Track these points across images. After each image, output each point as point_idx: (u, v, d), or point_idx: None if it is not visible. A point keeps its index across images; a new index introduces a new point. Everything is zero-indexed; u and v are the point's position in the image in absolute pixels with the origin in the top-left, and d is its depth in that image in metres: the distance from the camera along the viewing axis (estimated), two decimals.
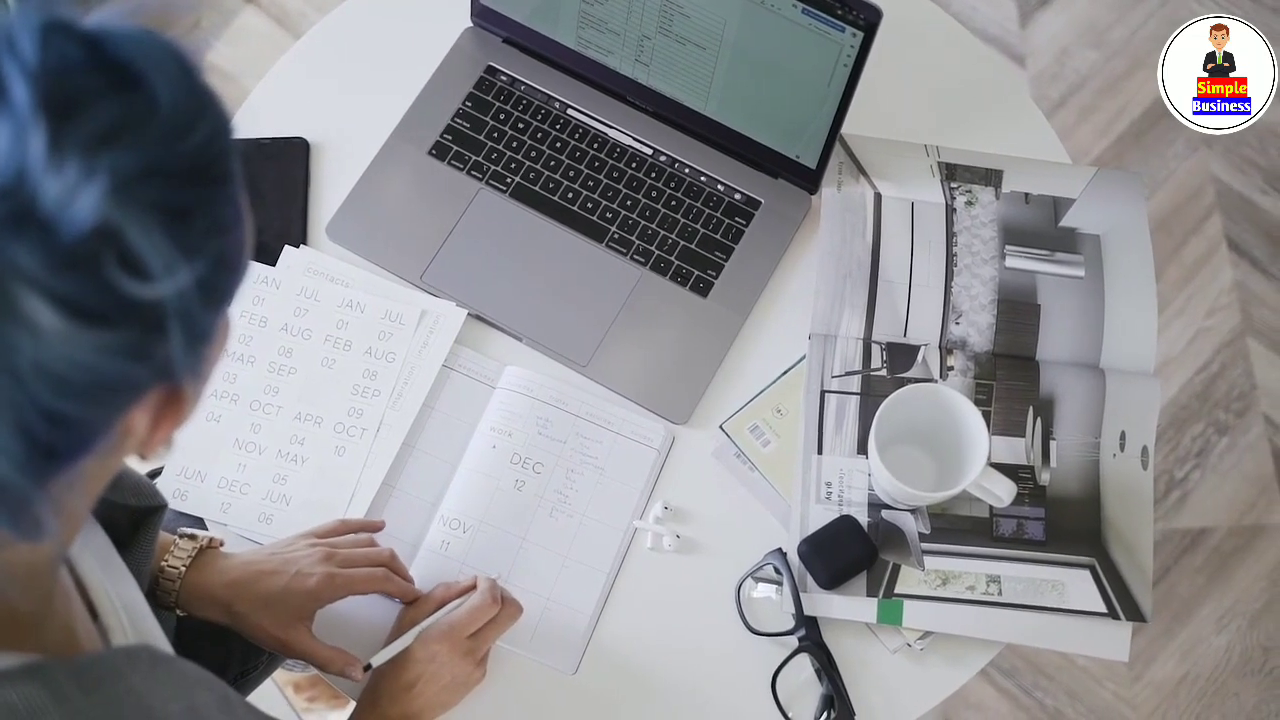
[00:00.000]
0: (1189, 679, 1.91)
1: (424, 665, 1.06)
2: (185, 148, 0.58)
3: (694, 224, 1.28)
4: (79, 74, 0.56)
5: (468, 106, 1.33)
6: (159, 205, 0.57)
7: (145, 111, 0.57)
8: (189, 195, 0.58)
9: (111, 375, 0.57)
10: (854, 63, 1.15)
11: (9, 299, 0.53)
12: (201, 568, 1.06)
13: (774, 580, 1.16)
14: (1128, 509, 1.18)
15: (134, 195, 0.56)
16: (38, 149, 0.54)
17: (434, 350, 1.24)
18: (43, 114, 0.54)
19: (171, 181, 0.57)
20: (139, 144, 0.56)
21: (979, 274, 1.25)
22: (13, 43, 0.56)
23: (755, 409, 1.21)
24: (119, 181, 0.55)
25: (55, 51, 0.56)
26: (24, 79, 0.55)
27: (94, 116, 0.55)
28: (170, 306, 0.58)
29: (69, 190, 0.54)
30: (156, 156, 0.57)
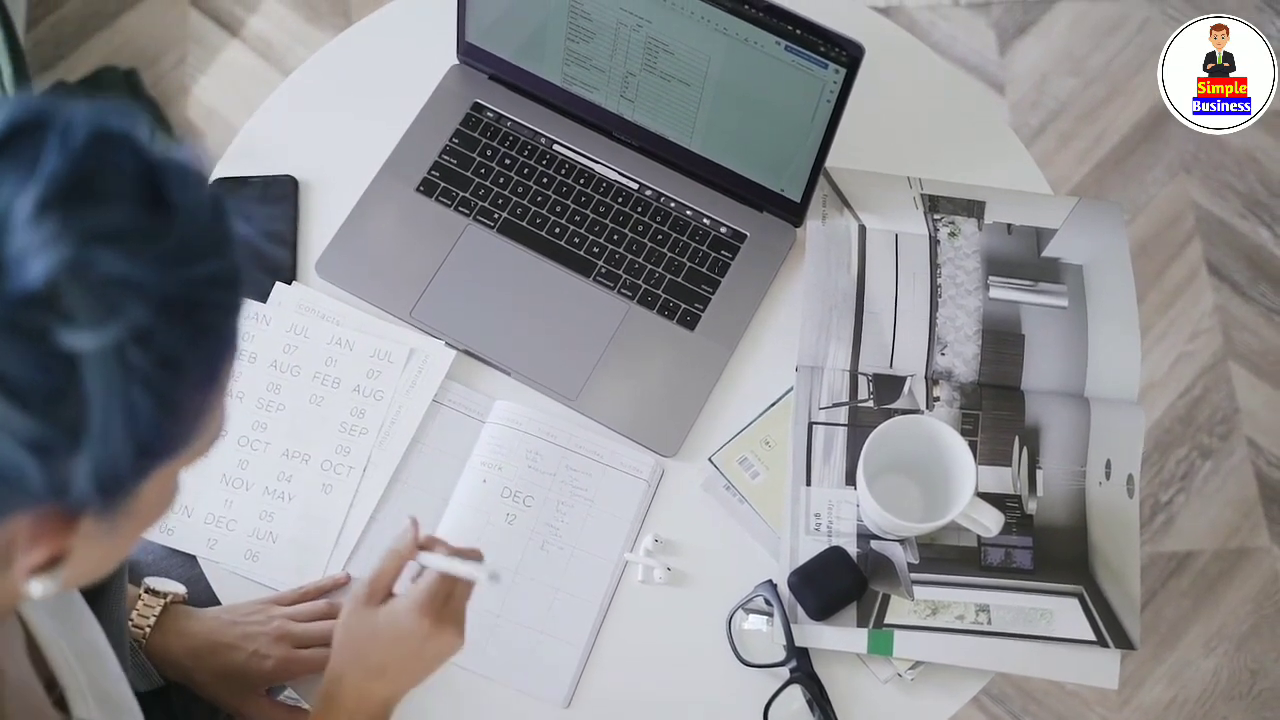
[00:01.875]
0: (1177, 702, 1.92)
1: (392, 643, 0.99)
2: (179, 276, 0.57)
3: (680, 258, 1.29)
4: (113, 175, 0.56)
5: (455, 143, 1.33)
6: (125, 318, 0.56)
7: (158, 229, 0.57)
8: (159, 324, 0.57)
9: (5, 462, 0.55)
10: (837, 98, 1.17)
11: None
12: (164, 630, 1.09)
13: (765, 612, 1.17)
14: (1114, 537, 1.18)
15: (101, 293, 0.55)
16: (26, 202, 0.54)
17: (422, 389, 1.24)
18: (52, 182, 0.55)
19: (149, 303, 0.56)
20: (134, 253, 0.56)
21: (963, 305, 1.26)
22: (69, 126, 0.57)
23: (744, 441, 1.22)
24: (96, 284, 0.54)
25: (103, 150, 0.57)
26: (59, 153, 0.55)
27: (105, 212, 0.55)
28: (92, 419, 0.56)
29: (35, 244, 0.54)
30: (145, 273, 0.56)
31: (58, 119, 0.57)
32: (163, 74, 2.23)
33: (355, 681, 0.99)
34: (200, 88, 2.22)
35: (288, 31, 2.26)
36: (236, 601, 1.16)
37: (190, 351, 0.59)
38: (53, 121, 0.57)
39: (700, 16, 1.17)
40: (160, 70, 2.23)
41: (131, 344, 0.56)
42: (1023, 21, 2.30)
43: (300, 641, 1.11)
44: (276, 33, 2.26)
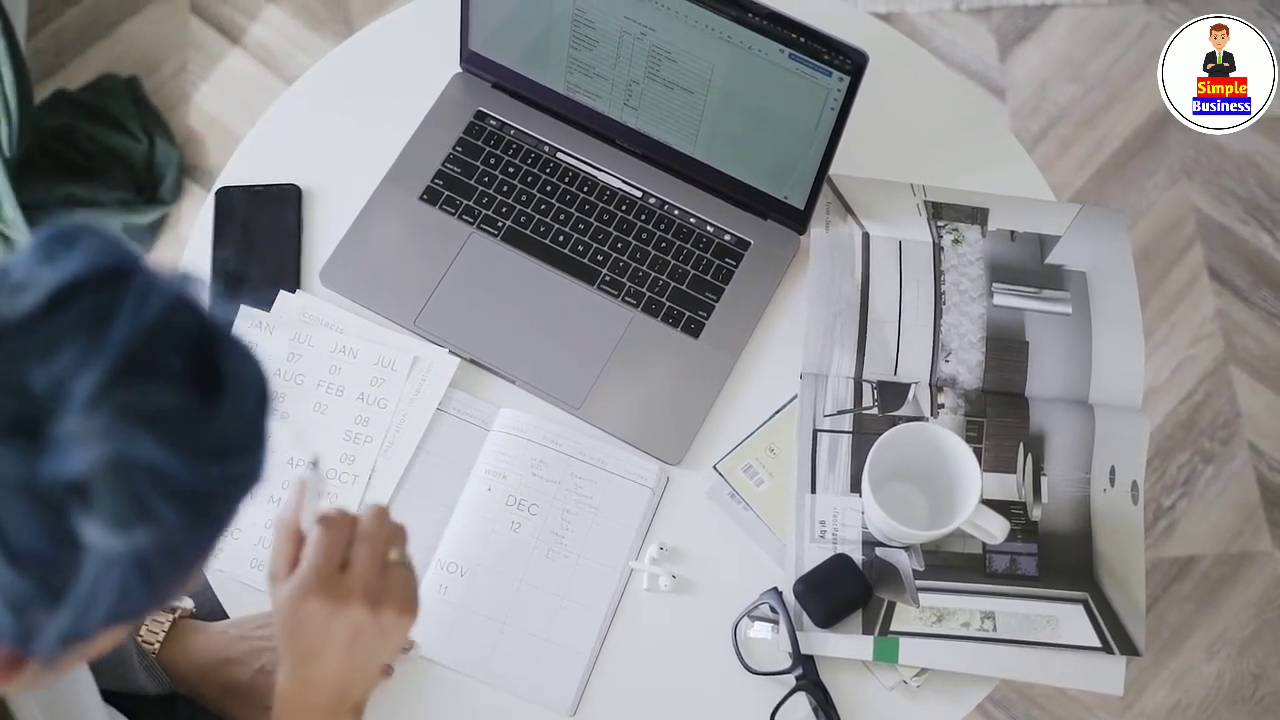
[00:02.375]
0: (1180, 707, 1.92)
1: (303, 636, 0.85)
2: (208, 472, 0.57)
3: (684, 265, 1.29)
4: (174, 352, 0.56)
5: (458, 151, 1.34)
6: (142, 504, 0.55)
7: (201, 418, 0.56)
8: (174, 514, 0.56)
9: None
10: (841, 106, 1.17)
11: None
12: (173, 645, 1.10)
13: (770, 619, 1.17)
14: (1119, 543, 1.19)
15: (128, 481, 0.54)
16: (89, 382, 0.53)
17: (426, 397, 1.24)
18: (117, 361, 0.54)
19: (170, 493, 0.56)
20: (172, 441, 0.55)
21: (967, 312, 1.27)
22: (146, 292, 0.56)
23: (748, 449, 1.22)
24: (126, 459, 0.54)
25: (172, 323, 0.56)
26: (131, 324, 0.55)
27: (156, 392, 0.55)
28: (80, 590, 0.55)
29: (83, 435, 0.53)
30: (178, 464, 0.55)
31: (136, 278, 0.56)
32: (163, 81, 2.23)
33: (290, 674, 0.87)
34: (201, 95, 2.22)
35: (288, 38, 2.26)
36: (243, 612, 1.16)
37: (195, 540, 0.59)
38: (131, 279, 0.56)
39: (704, 25, 1.17)
40: (161, 78, 2.23)
41: (143, 531, 0.55)
42: (1023, 27, 2.31)
43: None
44: (277, 40, 2.26)
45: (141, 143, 2.12)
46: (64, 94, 2.17)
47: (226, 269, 1.29)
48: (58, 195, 2.04)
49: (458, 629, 1.16)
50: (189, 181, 2.15)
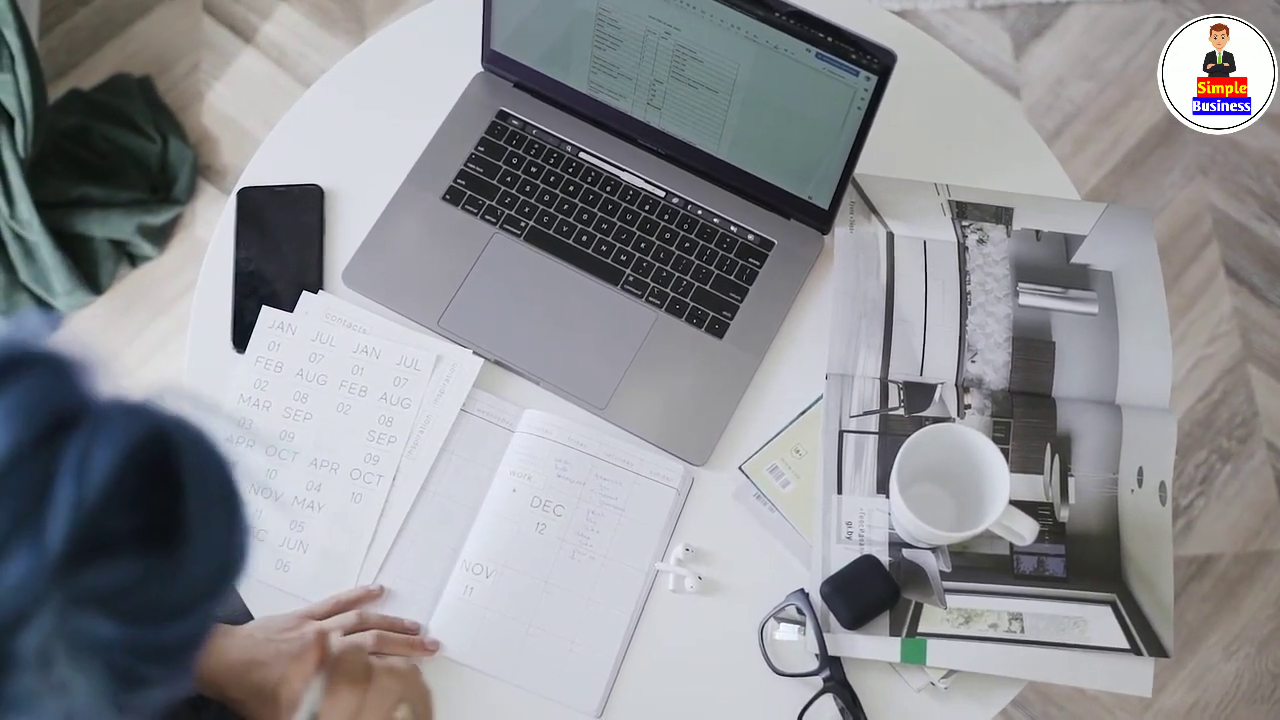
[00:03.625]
0: (1199, 707, 1.92)
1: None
2: (180, 628, 0.54)
3: (708, 265, 1.29)
4: (125, 513, 0.51)
5: (480, 151, 1.33)
6: (113, 670, 0.52)
7: (164, 578, 0.53)
8: (154, 670, 0.54)
9: None
10: (867, 106, 1.17)
11: None
12: None
13: (797, 621, 1.16)
14: (1147, 544, 1.18)
15: (92, 658, 0.51)
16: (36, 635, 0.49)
17: (450, 398, 1.24)
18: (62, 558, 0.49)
19: (142, 655, 0.53)
20: (133, 617, 0.52)
21: (993, 312, 1.26)
22: (88, 458, 0.50)
23: (774, 449, 1.22)
24: (87, 648, 0.51)
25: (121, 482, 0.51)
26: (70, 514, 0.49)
27: (107, 573, 0.51)
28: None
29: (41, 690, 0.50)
30: (142, 636, 0.53)
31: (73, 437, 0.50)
32: (176, 81, 2.23)
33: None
34: (215, 94, 2.22)
35: (301, 38, 2.26)
36: (268, 613, 1.15)
37: (182, 675, 0.57)
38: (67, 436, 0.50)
39: (729, 24, 1.17)
40: (174, 77, 2.23)
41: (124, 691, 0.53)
42: (1037, 25, 2.30)
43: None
44: (290, 39, 2.26)
45: (155, 142, 2.12)
46: (77, 93, 2.17)
47: (249, 269, 1.29)
48: (72, 195, 2.03)
49: (483, 630, 1.16)
50: (203, 181, 2.15)
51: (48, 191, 2.01)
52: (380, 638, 1.11)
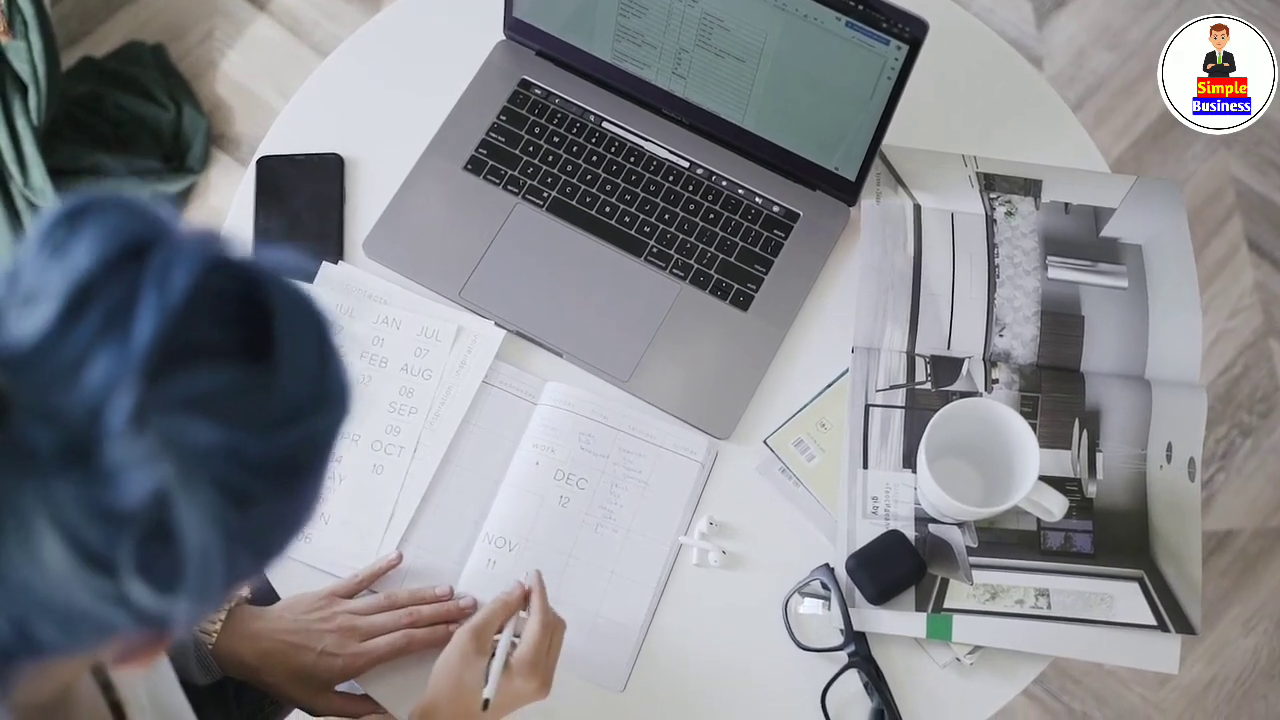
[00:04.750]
0: (1217, 682, 1.91)
1: (505, 699, 1.05)
2: (281, 439, 0.54)
3: (733, 237, 1.28)
4: (212, 325, 0.52)
5: (502, 121, 1.32)
6: (223, 487, 0.52)
7: (258, 388, 0.53)
8: (260, 487, 0.53)
9: (97, 617, 0.53)
10: (898, 76, 1.15)
11: (25, 527, 0.49)
12: (232, 633, 1.09)
13: (821, 595, 1.15)
14: (1175, 521, 1.17)
15: (200, 471, 0.51)
16: (123, 406, 0.49)
17: (472, 369, 1.23)
18: (149, 365, 0.50)
19: (248, 469, 0.53)
20: (233, 420, 0.52)
21: (1021, 285, 1.25)
22: (169, 271, 0.51)
23: (799, 423, 1.21)
24: (189, 455, 0.50)
25: (202, 295, 0.52)
26: (155, 316, 0.50)
27: (201, 377, 0.51)
28: (190, 578, 0.53)
29: (135, 459, 0.49)
30: (245, 441, 0.52)
31: (154, 255, 0.51)
32: (190, 49, 2.21)
33: (450, 718, 1.03)
34: (229, 63, 2.20)
35: (315, 5, 2.24)
36: (293, 589, 1.15)
37: (290, 505, 0.57)
38: (149, 257, 0.51)
39: None
40: (187, 45, 2.21)
41: (233, 513, 0.53)
42: None
43: (365, 635, 1.11)
44: (304, 6, 2.24)
45: (169, 110, 2.11)
46: (90, 61, 2.15)
47: (268, 239, 1.28)
48: (86, 163, 2.02)
49: None
50: (216, 150, 2.14)
51: (61, 159, 1.99)
52: (414, 614, 1.11)
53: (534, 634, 1.05)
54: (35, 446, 0.49)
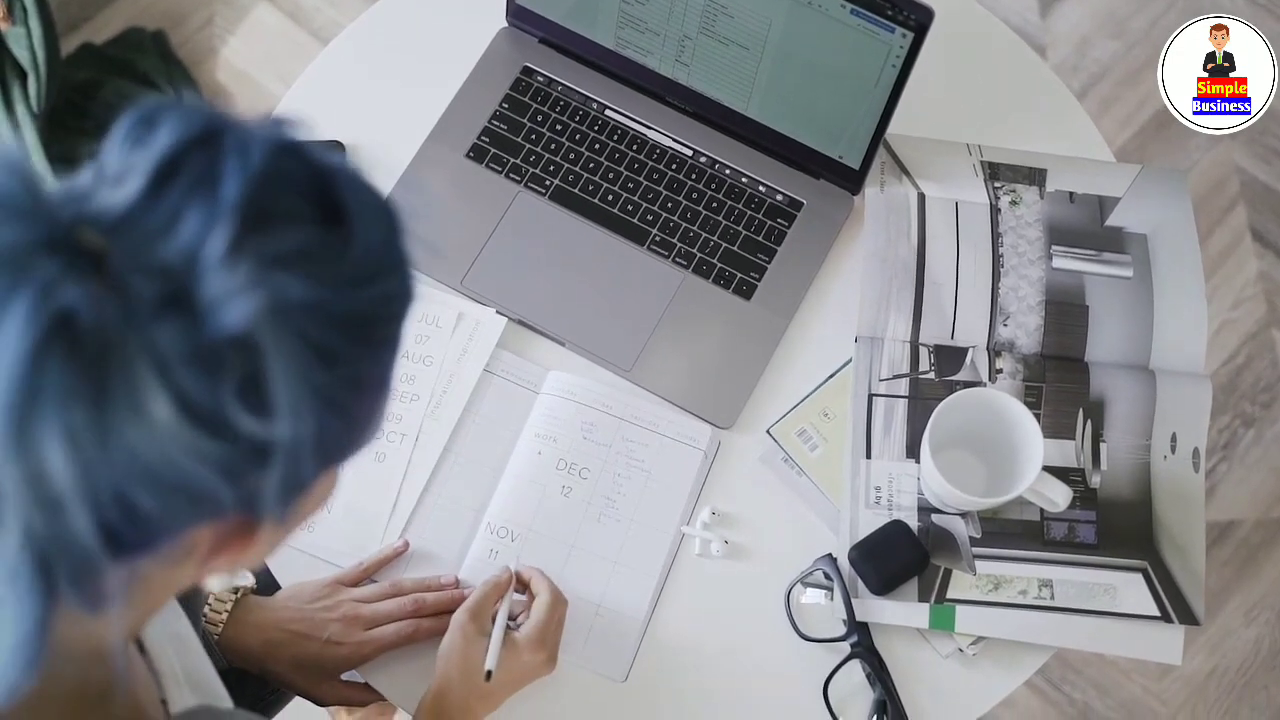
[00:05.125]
0: (1218, 672, 1.91)
1: (511, 674, 1.06)
2: (359, 296, 0.57)
3: (735, 226, 1.27)
4: (290, 194, 0.55)
5: (504, 108, 1.31)
6: (309, 341, 0.55)
7: (336, 249, 0.56)
8: (342, 343, 0.56)
9: (197, 485, 0.55)
10: (903, 64, 1.14)
11: (133, 380, 0.52)
12: (238, 623, 1.09)
13: (824, 586, 1.15)
14: (1179, 511, 1.17)
15: (288, 323, 0.54)
16: (219, 242, 0.53)
17: (474, 357, 1.22)
18: (239, 214, 0.53)
19: (331, 323, 0.56)
20: (316, 276, 0.55)
21: (1026, 275, 1.24)
22: (246, 146, 0.55)
23: (802, 413, 1.20)
24: (279, 304, 0.54)
25: (279, 168, 0.55)
26: (240, 178, 0.54)
27: (285, 236, 0.54)
28: (281, 444, 0.56)
29: (231, 290, 0.52)
30: (327, 295, 0.55)
31: (230, 134, 0.56)
32: (190, 35, 2.20)
33: (462, 699, 1.05)
34: (229, 49, 2.19)
35: None
36: (292, 577, 1.15)
37: (371, 366, 0.59)
38: (224, 137, 0.55)
39: None
40: (187, 31, 2.20)
41: (319, 368, 0.56)
42: None
43: (370, 623, 1.11)
44: None
45: (169, 97, 2.10)
46: (90, 48, 2.14)
47: None
48: (86, 150, 2.01)
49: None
50: None
51: (62, 146, 1.99)
52: (418, 601, 1.11)
53: (542, 607, 1.08)
54: (137, 296, 0.52)
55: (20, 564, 0.54)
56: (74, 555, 0.54)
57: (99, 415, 0.51)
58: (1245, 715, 1.90)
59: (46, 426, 0.51)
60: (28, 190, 0.53)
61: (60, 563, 0.54)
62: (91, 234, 0.53)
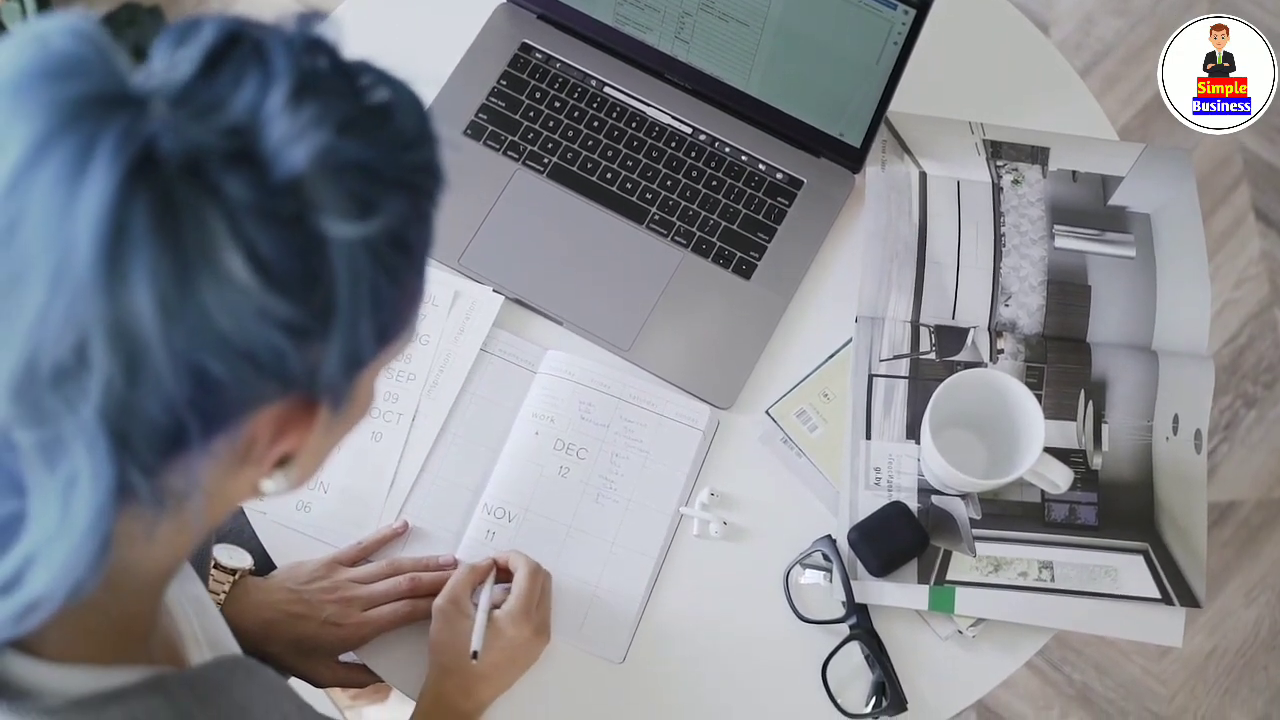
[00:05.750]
0: (1218, 653, 1.91)
1: (501, 653, 1.06)
2: (404, 161, 0.60)
3: (735, 204, 1.26)
4: (330, 75, 0.59)
5: (503, 85, 1.30)
6: (361, 200, 0.58)
7: (378, 120, 0.60)
8: (392, 204, 0.59)
9: (267, 348, 0.57)
10: (905, 40, 1.13)
11: (207, 232, 0.54)
12: (235, 603, 1.09)
13: (823, 567, 1.15)
14: (1181, 493, 1.16)
15: (343, 180, 0.57)
16: (279, 96, 0.56)
17: (471, 336, 1.21)
18: (292, 77, 0.57)
19: (381, 184, 0.59)
20: (365, 139, 0.58)
21: (1028, 254, 1.23)
22: (285, 34, 0.59)
23: (802, 393, 1.20)
24: (335, 157, 0.57)
25: (316, 53, 0.59)
26: (287, 52, 0.57)
27: (333, 104, 0.57)
28: (343, 302, 0.58)
29: (294, 132, 0.56)
30: (377, 156, 0.59)
31: (267, 27, 0.59)
32: (186, 10, 2.18)
33: (461, 684, 1.05)
34: None
35: None
36: (287, 556, 1.14)
37: (416, 236, 0.62)
38: (262, 29, 0.59)
39: None
40: (184, 6, 2.19)
41: (373, 225, 0.58)
42: None
43: (368, 604, 1.10)
44: None
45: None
46: None
47: None
48: None
49: None
50: None
51: None
52: (415, 580, 1.10)
53: (520, 583, 1.08)
54: (207, 151, 0.54)
55: (98, 434, 0.55)
56: (148, 430, 0.56)
57: (179, 266, 0.53)
58: (1244, 695, 1.90)
59: (136, 263, 0.53)
60: (101, 56, 0.56)
61: (135, 436, 0.56)
62: (159, 103, 0.55)
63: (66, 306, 0.53)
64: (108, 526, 0.58)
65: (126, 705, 0.65)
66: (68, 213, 0.53)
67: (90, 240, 0.52)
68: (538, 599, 1.09)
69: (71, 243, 0.52)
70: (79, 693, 0.65)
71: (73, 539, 0.58)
